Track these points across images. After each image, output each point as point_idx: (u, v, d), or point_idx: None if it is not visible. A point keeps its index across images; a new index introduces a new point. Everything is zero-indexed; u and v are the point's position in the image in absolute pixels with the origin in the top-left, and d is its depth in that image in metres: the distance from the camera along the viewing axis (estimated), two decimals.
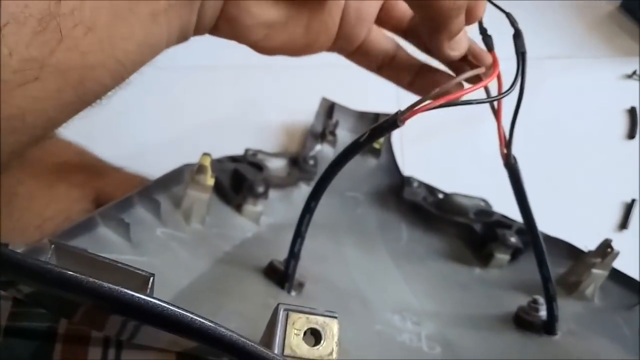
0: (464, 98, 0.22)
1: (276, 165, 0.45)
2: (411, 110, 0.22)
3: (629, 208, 0.49)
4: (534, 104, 0.57)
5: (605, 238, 0.37)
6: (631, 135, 0.53)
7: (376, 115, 0.54)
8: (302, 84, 0.60)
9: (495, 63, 0.24)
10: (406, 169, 0.52)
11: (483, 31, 0.25)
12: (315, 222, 0.29)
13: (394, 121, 0.23)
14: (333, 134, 0.52)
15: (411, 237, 0.46)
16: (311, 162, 0.48)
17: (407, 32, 0.27)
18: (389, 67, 0.28)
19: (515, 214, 0.43)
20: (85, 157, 0.36)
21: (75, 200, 0.31)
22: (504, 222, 0.42)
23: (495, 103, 0.25)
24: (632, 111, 0.54)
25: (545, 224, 0.50)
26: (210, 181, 0.32)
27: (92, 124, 0.22)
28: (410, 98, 0.60)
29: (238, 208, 0.38)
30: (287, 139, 0.57)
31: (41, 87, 0.16)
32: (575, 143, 0.53)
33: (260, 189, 0.38)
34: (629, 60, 0.57)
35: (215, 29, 0.22)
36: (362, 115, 0.54)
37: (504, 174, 0.30)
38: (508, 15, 0.24)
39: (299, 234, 0.28)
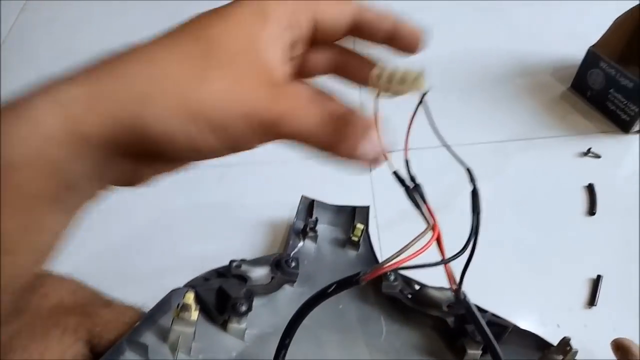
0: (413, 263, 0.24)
1: (259, 273, 0.48)
2: (371, 272, 0.25)
3: (595, 285, 0.52)
4: (499, 183, 0.60)
5: (563, 337, 0.40)
6: (591, 212, 0.56)
7: (353, 209, 0.57)
8: (281, 179, 0.64)
9: (435, 227, 0.24)
10: (385, 256, 0.55)
11: (412, 179, 0.25)
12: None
13: (357, 280, 0.25)
14: (314, 230, 0.56)
15: (389, 330, 0.48)
16: (293, 264, 0.50)
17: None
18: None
19: (488, 300, 0.45)
20: (78, 294, 0.38)
21: (68, 346, 0.33)
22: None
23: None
24: (590, 188, 0.58)
25: (518, 303, 0.53)
26: (194, 316, 0.35)
27: None
28: (383, 193, 0.62)
29: (224, 326, 0.41)
30: (272, 233, 0.60)
31: None
32: (539, 221, 0.57)
33: (243, 308, 0.40)
34: (583, 138, 0.62)
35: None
36: (340, 209, 0.58)
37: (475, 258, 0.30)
38: (468, 171, 0.25)
39: None
